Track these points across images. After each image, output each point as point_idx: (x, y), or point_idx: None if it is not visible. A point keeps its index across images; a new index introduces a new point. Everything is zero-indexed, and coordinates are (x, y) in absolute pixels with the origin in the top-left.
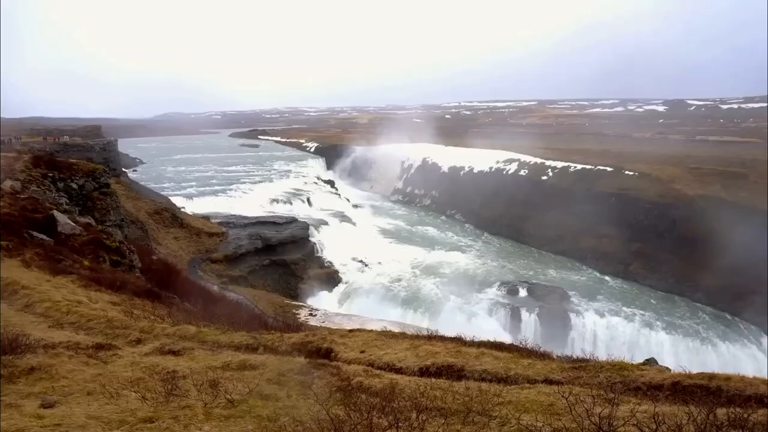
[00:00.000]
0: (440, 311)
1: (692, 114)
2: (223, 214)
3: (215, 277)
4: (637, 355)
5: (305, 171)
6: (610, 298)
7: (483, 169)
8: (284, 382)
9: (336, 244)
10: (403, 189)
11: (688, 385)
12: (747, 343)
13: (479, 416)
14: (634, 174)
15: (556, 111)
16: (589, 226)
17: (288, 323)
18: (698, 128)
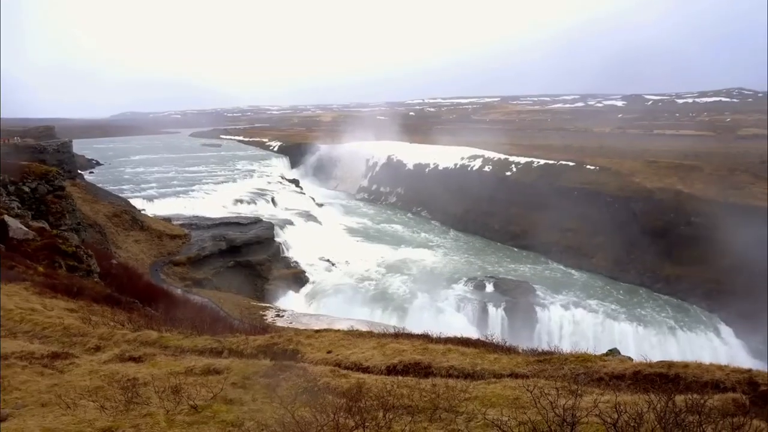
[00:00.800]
0: (408, 309)
1: (650, 108)
2: (186, 215)
3: (178, 280)
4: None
5: (269, 170)
6: (574, 291)
7: (448, 166)
8: (249, 385)
9: (302, 244)
10: (368, 187)
11: (649, 373)
12: (706, 331)
13: (446, 413)
14: (596, 168)
15: (519, 107)
16: (552, 221)
17: (254, 325)
18: (655, 122)
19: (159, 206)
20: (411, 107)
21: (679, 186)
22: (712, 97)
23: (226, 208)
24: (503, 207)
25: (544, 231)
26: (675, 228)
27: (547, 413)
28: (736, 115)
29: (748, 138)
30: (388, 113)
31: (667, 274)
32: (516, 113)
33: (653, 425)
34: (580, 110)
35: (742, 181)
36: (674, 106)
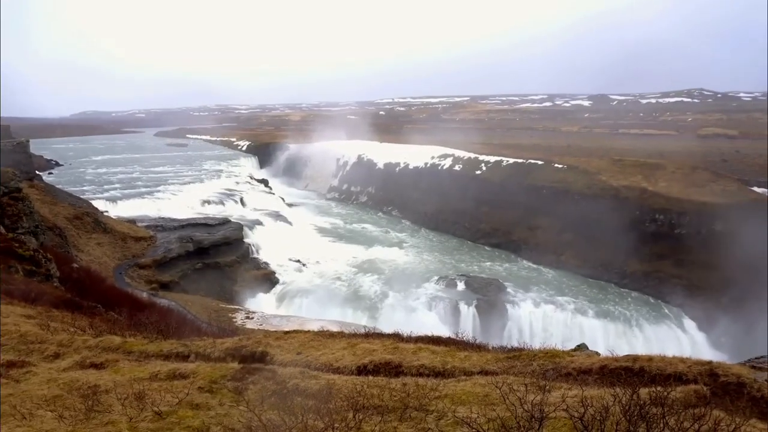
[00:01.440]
0: (380, 308)
1: (614, 108)
2: (151, 217)
3: (144, 283)
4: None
5: (237, 170)
6: (544, 288)
7: (418, 165)
8: (217, 389)
9: (272, 245)
10: (339, 186)
11: (615, 367)
12: (671, 325)
13: (416, 412)
14: (563, 167)
15: (488, 106)
16: (522, 219)
17: (223, 328)
18: (620, 122)
19: (123, 208)
20: (381, 106)
21: (644, 184)
22: (674, 97)
23: (194, 209)
24: (474, 206)
25: (514, 229)
26: (640, 225)
27: (515, 409)
28: (697, 115)
29: (709, 137)
30: (359, 113)
31: (633, 270)
32: (485, 112)
33: (619, 418)
34: (547, 110)
35: (704, 178)
36: (638, 106)
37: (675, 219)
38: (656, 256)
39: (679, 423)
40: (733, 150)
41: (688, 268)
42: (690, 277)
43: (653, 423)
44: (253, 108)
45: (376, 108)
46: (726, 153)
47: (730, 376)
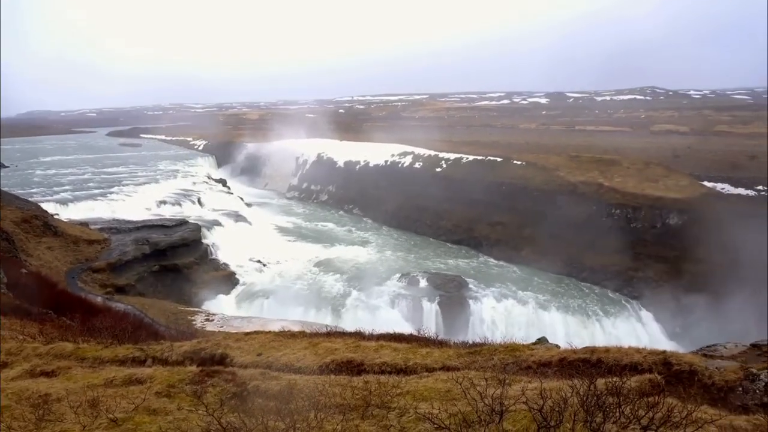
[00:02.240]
0: (343, 307)
1: (571, 105)
2: (105, 219)
3: (98, 287)
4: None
5: (194, 170)
6: (505, 283)
7: (379, 163)
8: (175, 394)
9: (231, 245)
10: (299, 185)
11: (574, 359)
12: (628, 317)
13: (378, 409)
14: (522, 163)
15: (447, 104)
16: (482, 215)
17: (181, 331)
18: (576, 119)
19: (74, 210)
20: (340, 104)
21: (600, 179)
22: (627, 95)
23: (150, 210)
24: (434, 203)
25: (475, 225)
26: (597, 220)
27: (476, 404)
28: (649, 112)
29: (661, 133)
30: (318, 111)
31: (592, 265)
32: (445, 110)
33: (576, 408)
34: (506, 107)
35: (657, 173)
36: (593, 104)
37: (631, 213)
38: (613, 250)
39: (634, 411)
40: (685, 146)
41: (644, 261)
42: (646, 270)
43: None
44: (210, 107)
45: (336, 106)
46: (678, 149)
47: (683, 365)
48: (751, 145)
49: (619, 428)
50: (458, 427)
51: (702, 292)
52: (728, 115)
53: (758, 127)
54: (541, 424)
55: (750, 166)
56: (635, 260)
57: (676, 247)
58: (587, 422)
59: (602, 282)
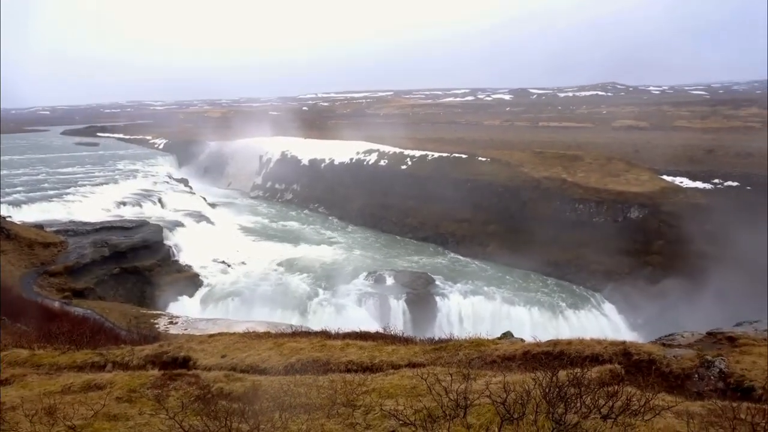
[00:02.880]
0: (309, 307)
1: (534, 102)
2: (61, 221)
3: (55, 292)
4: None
5: (155, 170)
6: (472, 279)
7: (344, 161)
8: (136, 398)
9: (194, 246)
10: (263, 184)
11: (537, 353)
12: (592, 309)
13: (344, 407)
14: (487, 160)
15: (412, 101)
16: (448, 212)
17: (144, 334)
18: (540, 115)
19: (28, 212)
20: (304, 102)
21: (564, 175)
22: (589, 91)
23: (108, 211)
24: (400, 200)
25: (440, 222)
26: (561, 214)
27: (441, 399)
28: (611, 108)
29: (622, 129)
30: (281, 108)
31: (556, 259)
32: (409, 107)
33: (539, 400)
34: (470, 104)
35: (618, 168)
36: (556, 100)
37: (594, 208)
38: (577, 244)
39: (595, 401)
40: (645, 141)
41: (606, 255)
42: (609, 263)
43: (571, 403)
44: (170, 104)
45: (299, 103)
46: (638, 144)
47: (642, 354)
48: (708, 139)
49: (580, 418)
50: (423, 422)
51: (662, 284)
52: (686, 110)
53: (714, 122)
54: (505, 416)
55: (707, 160)
56: (598, 254)
57: (637, 240)
58: (549, 413)
59: (566, 276)
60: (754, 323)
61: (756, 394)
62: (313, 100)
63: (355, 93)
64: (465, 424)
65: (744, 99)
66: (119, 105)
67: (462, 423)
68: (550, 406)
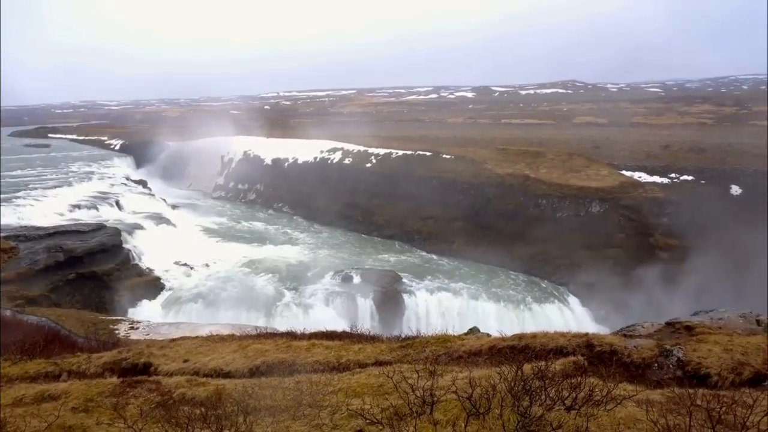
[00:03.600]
0: (276, 308)
1: (497, 99)
2: (11, 226)
3: (7, 300)
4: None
5: (111, 171)
6: (438, 276)
7: (308, 160)
8: (93, 408)
9: (155, 249)
10: (225, 185)
11: (503, 347)
12: (556, 302)
13: (310, 408)
14: (451, 157)
15: (375, 99)
16: (414, 209)
17: (103, 341)
18: (502, 112)
19: None
20: (266, 101)
21: (527, 171)
22: (549, 88)
23: (62, 215)
24: (365, 198)
25: (406, 220)
26: (525, 210)
27: (408, 396)
28: (571, 105)
29: (582, 125)
30: (242, 107)
31: (521, 254)
32: (373, 105)
33: (504, 394)
34: (433, 101)
35: (579, 164)
36: (518, 97)
37: (556, 203)
38: (541, 239)
39: (559, 393)
40: (604, 137)
41: (569, 249)
42: (572, 257)
43: (536, 395)
44: (126, 104)
45: (261, 102)
46: (597, 140)
47: (604, 346)
48: (664, 135)
49: (545, 410)
50: (390, 420)
51: (624, 276)
52: (643, 107)
53: (669, 118)
54: (471, 411)
55: (663, 156)
56: (561, 248)
57: (599, 234)
58: (515, 407)
59: (532, 270)
60: (710, 312)
61: (712, 381)
62: (275, 98)
63: (318, 91)
64: (432, 421)
65: (697, 96)
66: (71, 105)
67: (429, 419)
68: (516, 399)
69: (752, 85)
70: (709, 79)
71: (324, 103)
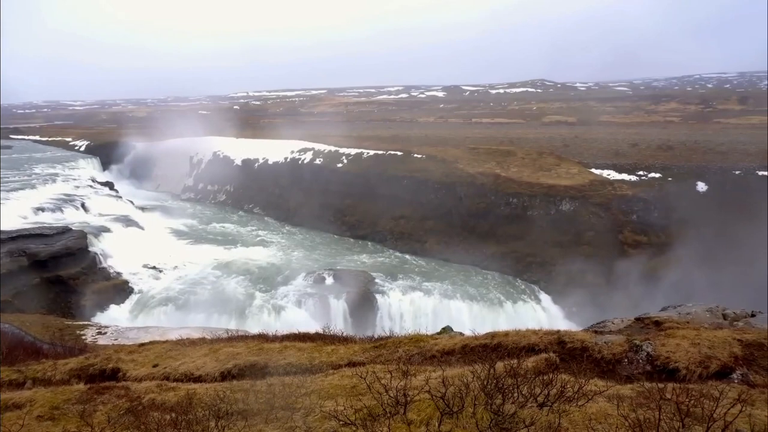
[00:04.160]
0: (247, 310)
1: (467, 98)
2: None
3: None
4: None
5: (76, 173)
6: (411, 276)
7: (278, 161)
8: (59, 416)
9: (123, 252)
10: (194, 186)
11: (475, 346)
12: (528, 300)
13: (283, 411)
14: (422, 157)
15: (346, 99)
16: (385, 209)
17: (70, 347)
18: (473, 112)
19: None
20: (235, 101)
21: (498, 170)
22: (519, 87)
23: (26, 218)
24: (337, 199)
25: (378, 220)
26: (496, 209)
27: (381, 397)
28: (540, 103)
29: (552, 124)
30: (211, 108)
31: (493, 252)
32: (343, 105)
33: (477, 393)
34: (404, 101)
35: (549, 163)
36: (488, 96)
37: (527, 201)
38: (512, 238)
39: (531, 390)
40: (573, 136)
41: (540, 247)
42: (543, 255)
43: (508, 393)
44: (91, 104)
45: (230, 102)
46: (567, 138)
47: (575, 342)
48: (632, 133)
49: (518, 407)
50: (364, 421)
51: (594, 273)
52: (611, 105)
53: (637, 117)
54: (444, 411)
55: (631, 153)
56: (533, 246)
57: (569, 231)
58: (488, 405)
59: (503, 269)
60: (678, 307)
61: (680, 375)
62: (244, 98)
63: (287, 91)
64: (405, 421)
65: (663, 95)
66: (34, 105)
67: (402, 420)
68: (489, 397)
69: (716, 83)
70: (675, 78)
71: (294, 103)
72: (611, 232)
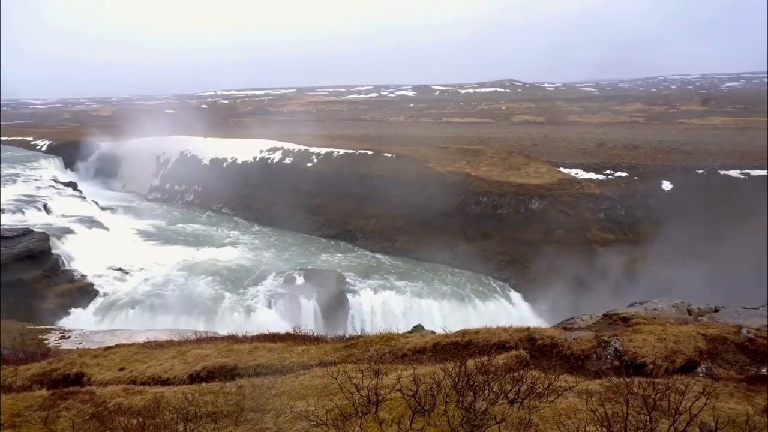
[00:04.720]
0: (217, 311)
1: (437, 98)
2: None
3: None
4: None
5: (37, 173)
6: (382, 275)
7: (247, 160)
8: (21, 423)
9: (87, 254)
10: (161, 186)
11: (447, 344)
12: (499, 298)
13: (253, 413)
14: (393, 156)
15: (315, 98)
16: (357, 208)
17: (30, 352)
18: (443, 111)
19: None
20: (203, 99)
21: (468, 169)
22: (488, 87)
23: None
24: (307, 198)
25: (350, 219)
26: (466, 208)
27: (353, 396)
28: (509, 103)
29: (521, 124)
30: (178, 107)
31: (463, 251)
32: (313, 104)
33: (449, 390)
34: (374, 100)
35: (519, 162)
36: (458, 96)
37: (496, 200)
38: (482, 236)
39: (502, 387)
40: (542, 135)
41: (510, 245)
42: (512, 253)
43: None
44: (53, 103)
45: (198, 101)
46: (536, 138)
47: (545, 339)
48: (599, 133)
49: (489, 404)
50: (335, 421)
51: (563, 270)
52: (578, 106)
53: (604, 117)
54: (416, 409)
55: (599, 153)
56: (503, 244)
57: (538, 230)
58: (459, 402)
59: (474, 267)
60: (644, 303)
61: (647, 369)
62: (212, 97)
63: (256, 90)
64: (377, 420)
65: (629, 96)
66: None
67: (374, 419)
68: (460, 395)
69: (680, 85)
70: (640, 79)
71: (263, 102)
72: (580, 230)
